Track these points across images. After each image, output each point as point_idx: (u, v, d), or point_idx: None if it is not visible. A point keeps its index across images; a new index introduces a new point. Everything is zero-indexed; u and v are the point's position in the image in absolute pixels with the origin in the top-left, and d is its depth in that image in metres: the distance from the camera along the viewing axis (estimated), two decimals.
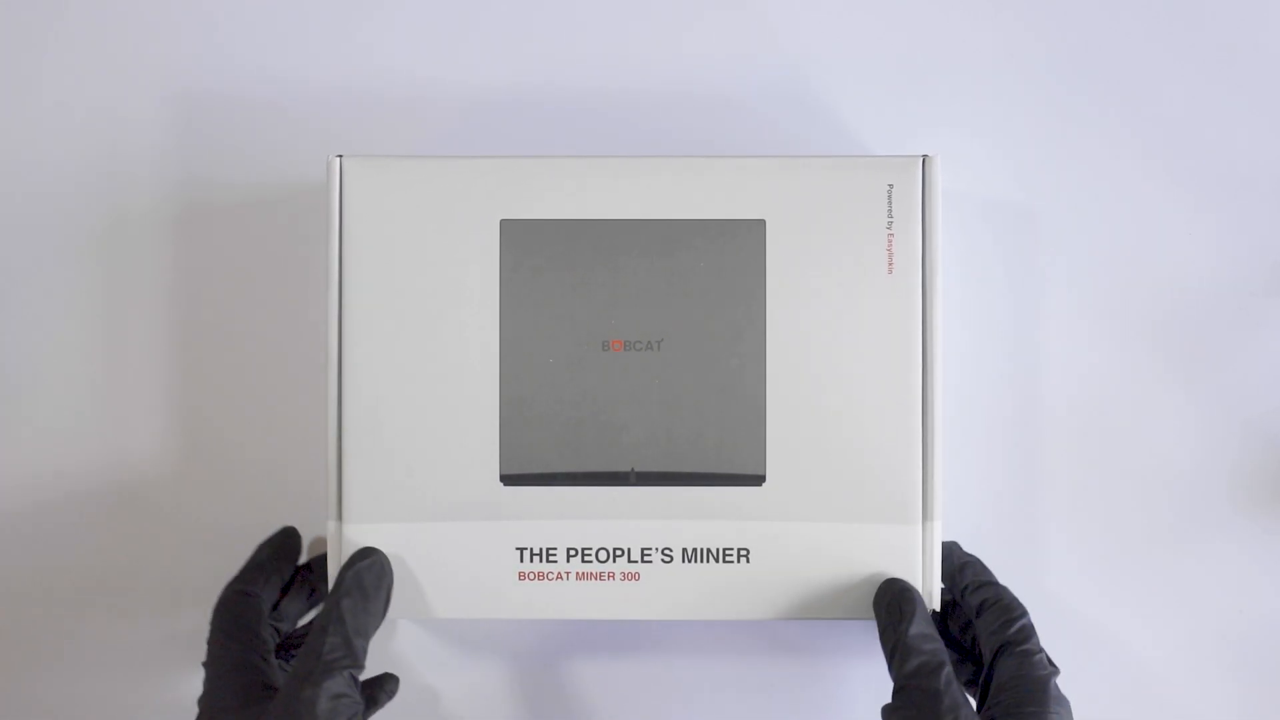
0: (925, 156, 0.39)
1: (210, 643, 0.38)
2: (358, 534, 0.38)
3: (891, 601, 0.37)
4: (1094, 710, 0.43)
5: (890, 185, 0.39)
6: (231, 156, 0.43)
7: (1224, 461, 0.44)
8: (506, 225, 0.39)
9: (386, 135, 0.43)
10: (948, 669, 0.36)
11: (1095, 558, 0.44)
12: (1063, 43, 0.44)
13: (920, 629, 0.36)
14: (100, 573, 0.44)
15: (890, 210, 0.39)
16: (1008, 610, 0.38)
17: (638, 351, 0.39)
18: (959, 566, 0.40)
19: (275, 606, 0.40)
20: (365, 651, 0.36)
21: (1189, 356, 0.44)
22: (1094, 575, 0.44)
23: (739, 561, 0.39)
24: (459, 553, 0.38)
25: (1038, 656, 0.37)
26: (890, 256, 0.39)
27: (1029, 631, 0.37)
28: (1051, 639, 0.40)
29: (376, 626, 0.37)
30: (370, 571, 0.37)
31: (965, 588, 0.39)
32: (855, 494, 0.39)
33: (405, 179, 0.39)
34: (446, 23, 0.44)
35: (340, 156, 0.39)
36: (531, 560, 0.38)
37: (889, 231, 0.39)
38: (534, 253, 0.39)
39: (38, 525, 0.44)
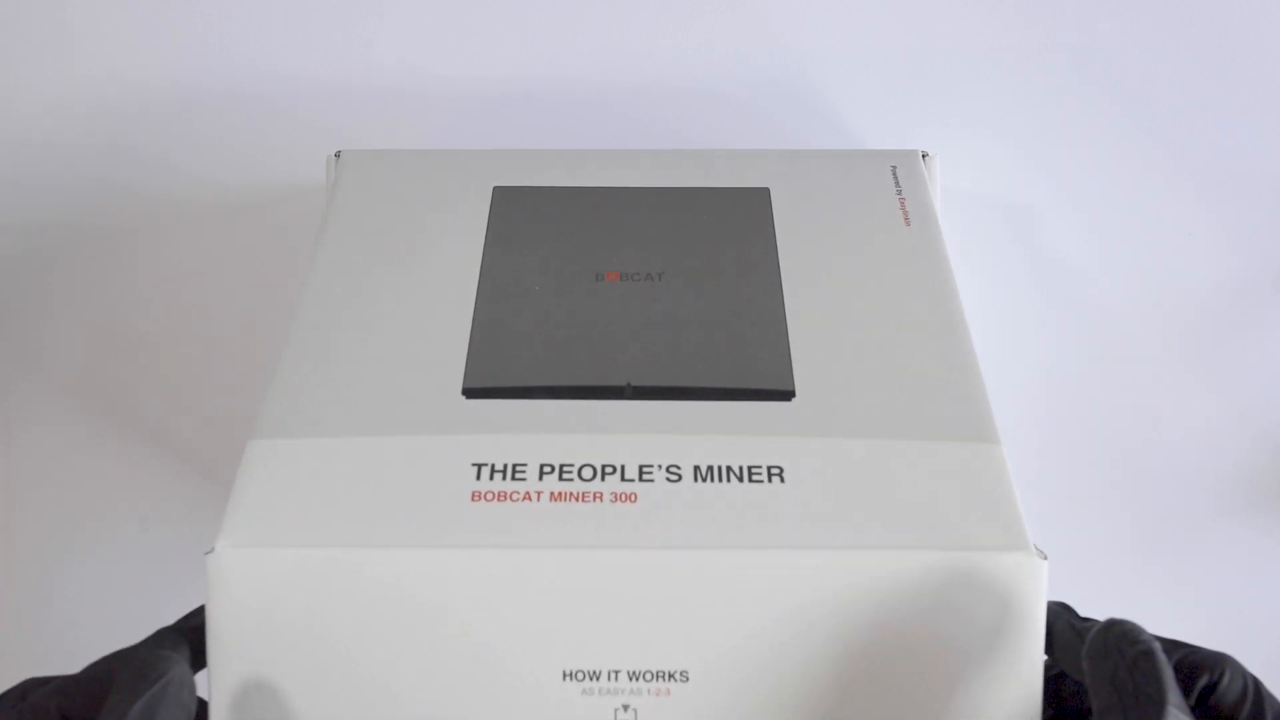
0: (924, 153, 0.39)
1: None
2: (262, 450, 0.29)
3: (1138, 688, 0.24)
4: None
5: (894, 166, 0.38)
6: (230, 156, 0.43)
7: (1227, 462, 0.44)
8: (499, 190, 0.37)
9: (386, 135, 0.43)
10: None
11: (1097, 557, 0.44)
12: (1063, 41, 0.44)
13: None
14: None
15: (898, 184, 0.38)
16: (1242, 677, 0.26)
17: (635, 282, 0.34)
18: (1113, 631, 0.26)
19: None
20: None
21: (1190, 356, 0.44)
22: (1095, 575, 0.42)
23: (770, 481, 0.28)
24: (394, 472, 0.28)
25: None
26: (905, 214, 0.36)
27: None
28: None
29: None
30: (165, 706, 0.25)
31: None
32: (918, 409, 0.30)
33: (402, 170, 0.38)
34: (444, 22, 0.44)
35: (338, 153, 0.39)
36: (491, 478, 0.28)
37: (900, 195, 0.37)
38: (526, 210, 0.37)
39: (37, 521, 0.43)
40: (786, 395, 0.30)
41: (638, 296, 0.33)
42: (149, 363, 0.44)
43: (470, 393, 0.30)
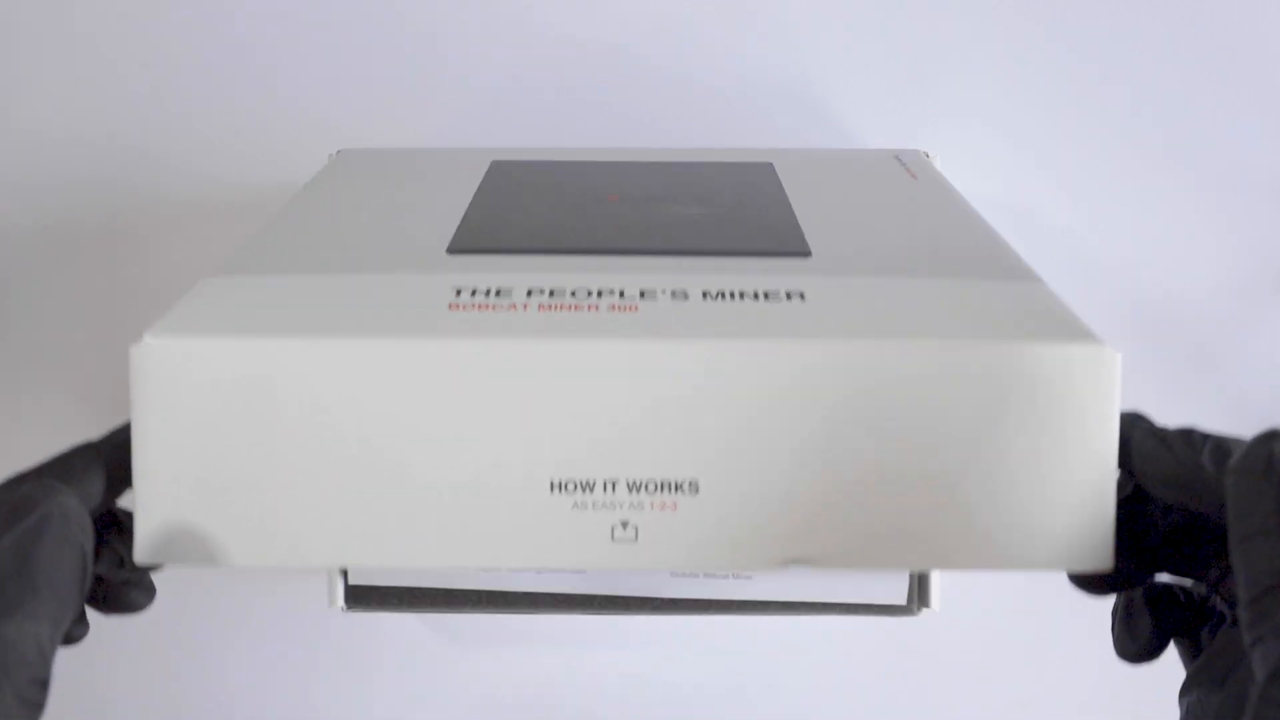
0: (925, 153, 0.39)
1: None
2: (212, 283, 0.26)
3: None
4: (1097, 708, 0.43)
5: (897, 156, 0.38)
6: (230, 156, 0.42)
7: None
8: (497, 163, 0.37)
9: (387, 135, 0.43)
10: None
11: None
12: (1063, 40, 0.44)
13: None
14: None
15: (903, 164, 0.38)
16: None
17: (639, 202, 0.32)
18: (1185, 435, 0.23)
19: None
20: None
21: (1191, 356, 0.44)
22: None
23: (789, 300, 0.25)
24: (360, 295, 0.25)
25: None
26: (912, 174, 0.36)
27: None
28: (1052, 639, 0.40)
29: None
30: (43, 542, 0.22)
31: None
32: (950, 259, 0.27)
33: (400, 159, 0.38)
34: (445, 21, 0.44)
35: (339, 152, 0.39)
36: (473, 296, 0.25)
37: (905, 168, 0.37)
38: (524, 173, 0.36)
39: None
40: (803, 254, 0.28)
41: (642, 209, 0.32)
42: None
43: (456, 250, 0.28)
